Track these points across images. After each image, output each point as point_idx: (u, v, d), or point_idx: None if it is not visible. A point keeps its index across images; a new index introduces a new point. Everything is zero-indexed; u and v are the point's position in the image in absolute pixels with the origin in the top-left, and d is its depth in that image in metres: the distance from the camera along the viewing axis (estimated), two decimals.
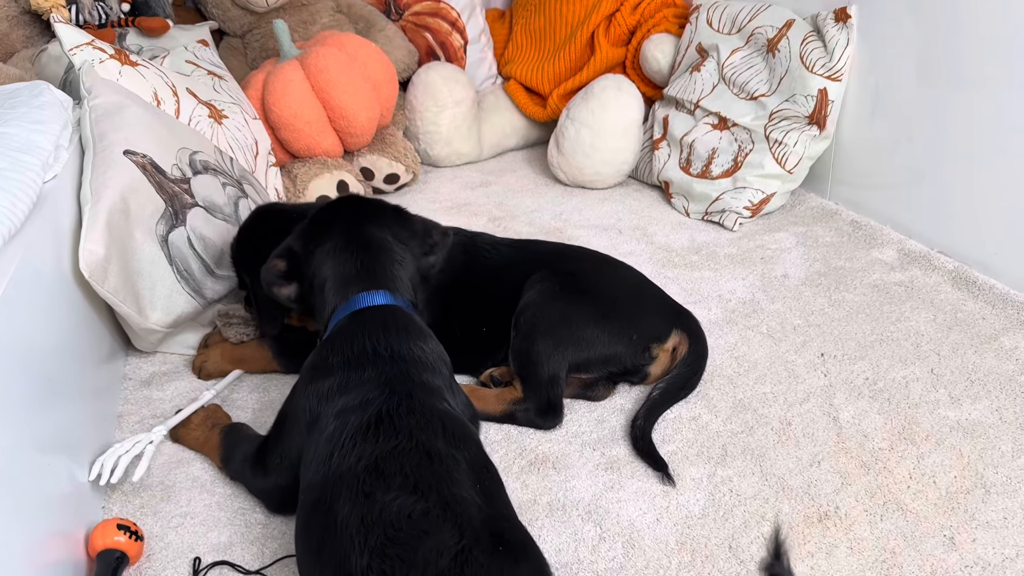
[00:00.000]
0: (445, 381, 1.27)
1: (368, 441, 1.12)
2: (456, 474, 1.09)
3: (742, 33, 2.37)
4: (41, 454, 1.24)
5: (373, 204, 1.47)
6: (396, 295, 1.33)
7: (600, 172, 2.52)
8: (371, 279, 1.33)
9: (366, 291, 1.32)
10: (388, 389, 1.19)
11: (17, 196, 1.34)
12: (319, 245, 1.39)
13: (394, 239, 1.40)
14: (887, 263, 1.99)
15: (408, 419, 1.15)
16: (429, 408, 1.18)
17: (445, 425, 1.16)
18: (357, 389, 1.20)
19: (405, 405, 1.17)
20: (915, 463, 1.38)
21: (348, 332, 1.27)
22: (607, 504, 1.34)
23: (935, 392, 1.54)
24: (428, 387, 1.22)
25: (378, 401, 1.17)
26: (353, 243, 1.37)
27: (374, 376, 1.21)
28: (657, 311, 1.61)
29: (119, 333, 1.80)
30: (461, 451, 1.13)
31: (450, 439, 1.14)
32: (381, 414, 1.15)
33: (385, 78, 2.54)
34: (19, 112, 1.65)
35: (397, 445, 1.11)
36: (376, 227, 1.40)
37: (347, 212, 1.43)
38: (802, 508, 1.30)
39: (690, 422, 1.51)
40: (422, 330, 1.31)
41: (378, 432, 1.13)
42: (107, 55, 1.94)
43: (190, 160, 1.84)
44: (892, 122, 2.12)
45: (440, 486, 1.06)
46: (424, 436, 1.12)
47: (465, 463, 1.12)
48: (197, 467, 1.48)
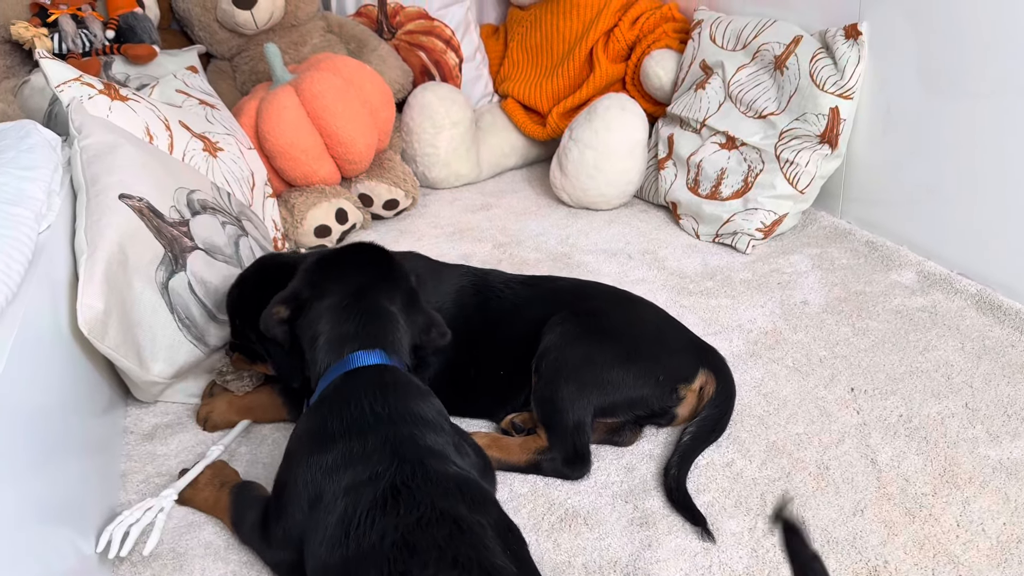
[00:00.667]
0: (449, 438, 1.21)
1: (388, 515, 1.06)
2: (487, 541, 1.03)
3: (747, 50, 2.32)
4: (43, 525, 1.16)
5: (394, 272, 1.41)
6: (392, 356, 1.28)
7: (605, 193, 2.46)
8: (370, 339, 1.28)
9: (363, 350, 1.26)
10: (397, 459, 1.13)
11: (12, 256, 1.26)
12: (321, 298, 1.33)
13: (400, 314, 1.34)
14: (907, 286, 1.95)
15: (426, 488, 1.09)
16: (443, 474, 1.12)
17: (463, 490, 1.10)
18: (363, 462, 1.13)
19: (420, 474, 1.11)
20: (961, 509, 1.33)
21: (344, 393, 1.21)
22: (645, 565, 1.28)
23: (972, 429, 1.50)
24: (435, 451, 1.16)
25: (389, 473, 1.11)
26: (358, 306, 1.31)
27: (379, 445, 1.14)
28: (682, 350, 1.55)
29: (117, 383, 1.72)
30: (484, 516, 1.08)
31: (471, 504, 1.08)
32: (396, 486, 1.09)
33: (382, 102, 2.47)
34: (7, 157, 1.57)
35: (421, 517, 1.05)
36: (386, 299, 1.34)
37: (367, 268, 1.37)
38: (850, 563, 1.25)
39: (723, 468, 1.45)
40: (419, 388, 1.26)
41: (397, 504, 1.07)
42: (96, 90, 1.86)
43: (188, 200, 1.76)
44: (905, 139, 2.07)
45: (480, 557, 1.00)
46: (446, 504, 1.07)
47: (491, 528, 1.06)
48: (209, 531, 1.41)
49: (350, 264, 1.38)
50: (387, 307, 1.32)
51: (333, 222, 2.35)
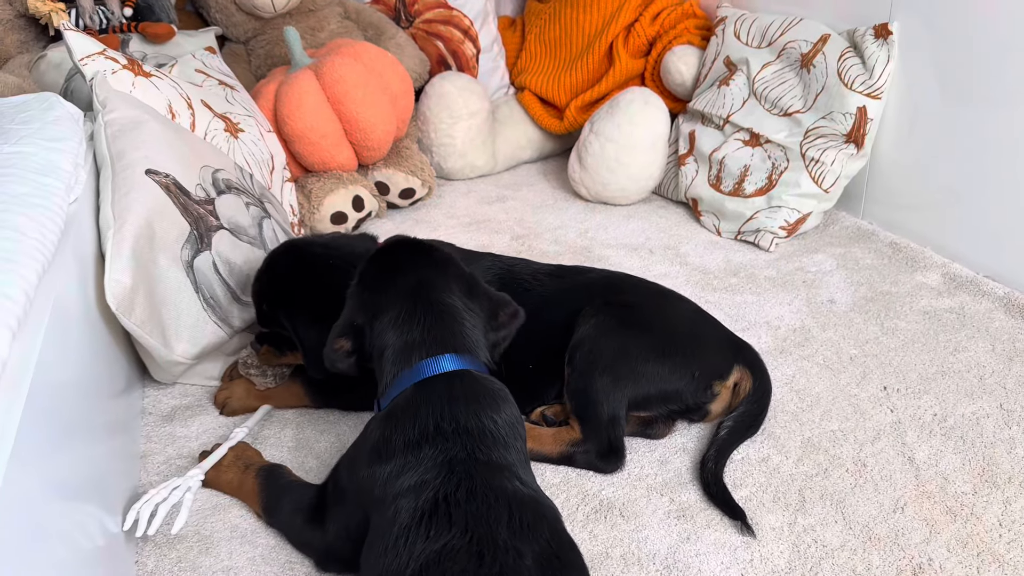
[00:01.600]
0: (517, 456, 1.15)
1: (420, 537, 1.01)
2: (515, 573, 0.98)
3: (773, 47, 2.31)
4: (67, 503, 1.12)
5: (437, 258, 1.31)
6: (465, 356, 1.20)
7: (625, 188, 2.44)
8: (437, 344, 1.20)
9: (432, 357, 1.18)
10: (447, 470, 1.08)
11: (46, 226, 1.22)
12: (380, 315, 1.24)
13: (463, 306, 1.26)
14: (933, 288, 1.94)
15: (467, 506, 1.03)
16: (494, 490, 1.06)
17: (512, 510, 1.04)
18: (414, 469, 1.09)
19: (464, 488, 1.05)
20: (1003, 508, 1.32)
21: (411, 406, 1.15)
22: (685, 557, 1.25)
23: (1008, 430, 1.48)
24: (494, 465, 1.10)
25: (433, 484, 1.06)
26: (418, 310, 1.22)
27: (432, 455, 1.09)
28: (717, 346, 1.53)
29: (135, 363, 1.68)
30: (528, 542, 1.01)
31: (515, 528, 1.02)
32: (437, 500, 1.04)
33: (402, 90, 2.44)
34: (33, 128, 1.53)
35: (447, 544, 1.00)
36: (444, 292, 1.25)
37: (412, 272, 1.27)
38: (894, 560, 1.23)
39: (760, 464, 1.43)
40: (495, 397, 1.18)
41: (431, 525, 1.02)
42: (120, 65, 1.82)
43: (213, 179, 1.73)
44: (932, 141, 2.06)
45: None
46: (482, 529, 1.01)
47: (531, 556, 1.00)
48: (235, 514, 1.38)
49: (395, 268, 1.29)
50: (447, 302, 1.24)
51: (350, 209, 2.32)
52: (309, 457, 1.50)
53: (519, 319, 1.33)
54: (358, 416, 1.61)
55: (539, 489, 1.15)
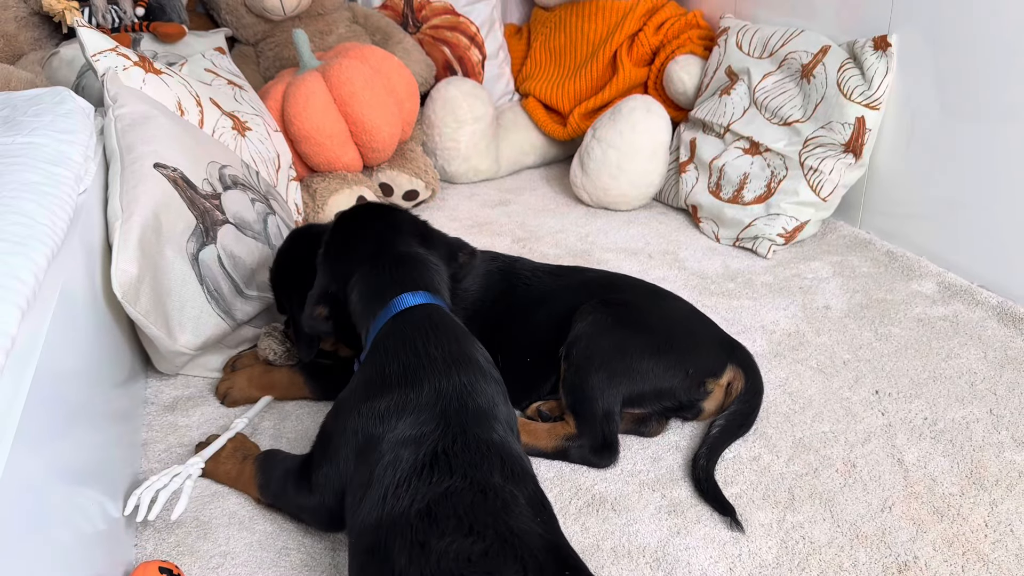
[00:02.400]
0: (499, 387, 1.23)
1: (422, 483, 1.07)
2: (514, 507, 1.04)
3: (774, 58, 2.34)
4: (70, 486, 1.15)
5: (394, 218, 1.43)
6: (435, 296, 1.29)
7: (626, 194, 2.47)
8: (409, 283, 1.29)
9: (406, 292, 1.27)
10: (444, 423, 1.13)
11: (56, 213, 1.26)
12: (350, 277, 1.34)
13: (423, 254, 1.36)
14: (928, 296, 1.96)
15: (463, 456, 1.10)
16: (485, 443, 1.12)
17: (504, 460, 1.11)
18: (414, 415, 1.14)
19: (460, 442, 1.11)
20: (989, 510, 1.33)
21: (397, 334, 1.22)
22: (675, 551, 1.27)
23: (997, 434, 1.50)
24: (484, 412, 1.16)
25: (433, 437, 1.12)
26: (382, 262, 1.32)
27: (431, 400, 1.15)
28: (711, 345, 1.56)
29: (139, 353, 1.71)
30: (519, 487, 1.08)
31: (508, 475, 1.09)
32: (436, 452, 1.10)
33: (408, 93, 2.47)
34: (45, 120, 1.56)
35: (450, 486, 1.06)
36: (403, 244, 1.36)
37: (370, 230, 1.39)
38: (880, 557, 1.25)
39: (751, 462, 1.45)
40: (465, 332, 1.27)
41: (432, 472, 1.08)
42: (131, 62, 1.86)
43: (220, 174, 1.76)
44: (929, 152, 2.09)
45: (497, 522, 1.01)
46: (479, 473, 1.08)
47: (523, 497, 1.07)
48: (233, 501, 1.40)
49: (356, 233, 1.39)
50: (408, 251, 1.34)
51: None
52: (308, 447, 1.52)
53: (476, 259, 1.45)
54: None
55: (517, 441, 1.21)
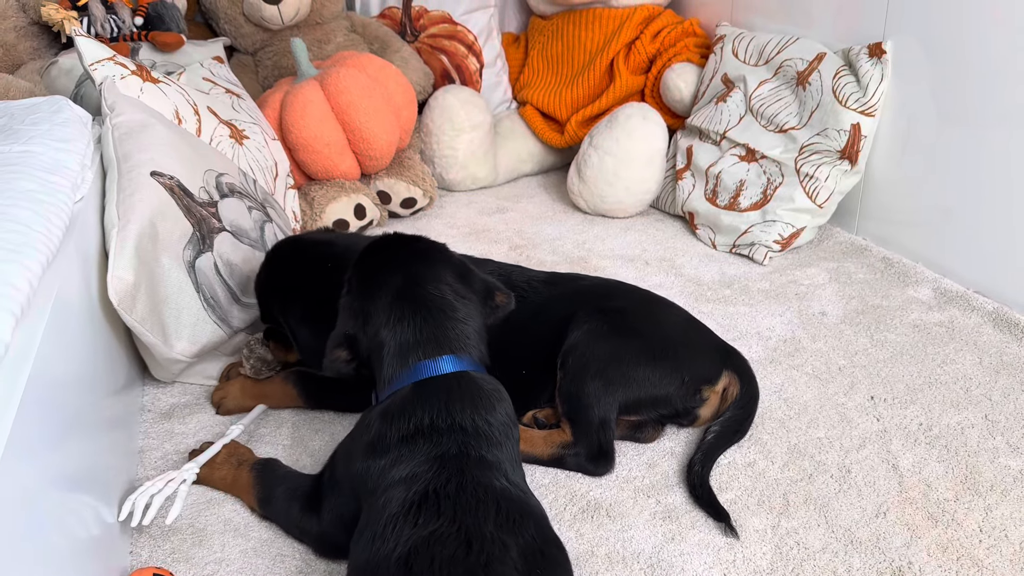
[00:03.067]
0: (508, 454, 1.17)
1: (408, 524, 1.04)
2: (500, 564, 1.00)
3: (770, 65, 2.35)
4: (65, 492, 1.15)
5: (429, 257, 1.31)
6: (463, 357, 1.22)
7: (623, 201, 2.48)
8: (434, 344, 1.21)
9: (429, 359, 1.20)
10: (438, 464, 1.10)
11: (51, 221, 1.26)
12: (369, 320, 1.25)
13: (454, 296, 1.26)
14: (924, 302, 1.96)
15: (456, 499, 1.06)
16: (483, 486, 1.09)
17: (500, 505, 1.07)
18: (407, 462, 1.12)
19: (455, 483, 1.08)
20: (984, 515, 1.33)
21: (408, 404, 1.17)
22: (669, 557, 1.27)
23: (992, 440, 1.50)
24: (485, 462, 1.13)
25: (425, 477, 1.09)
26: (407, 308, 1.23)
27: (425, 448, 1.12)
28: (707, 352, 1.56)
29: (136, 361, 1.72)
30: (513, 536, 1.04)
31: (502, 522, 1.05)
32: (427, 493, 1.07)
33: (405, 101, 2.48)
34: (42, 129, 1.57)
35: (435, 531, 1.02)
36: (432, 285, 1.26)
37: (398, 270, 1.28)
38: (874, 563, 1.25)
39: (746, 468, 1.46)
40: (490, 397, 1.20)
41: (419, 514, 1.05)
42: (128, 71, 1.87)
43: (216, 182, 1.76)
44: (924, 159, 2.09)
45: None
46: (469, 519, 1.04)
47: (516, 549, 1.02)
48: (228, 508, 1.40)
49: (380, 270, 1.29)
50: (437, 295, 1.25)
51: (352, 217, 2.36)
52: (304, 455, 1.53)
53: (511, 302, 1.35)
54: (353, 417, 1.63)
55: (528, 490, 1.17)
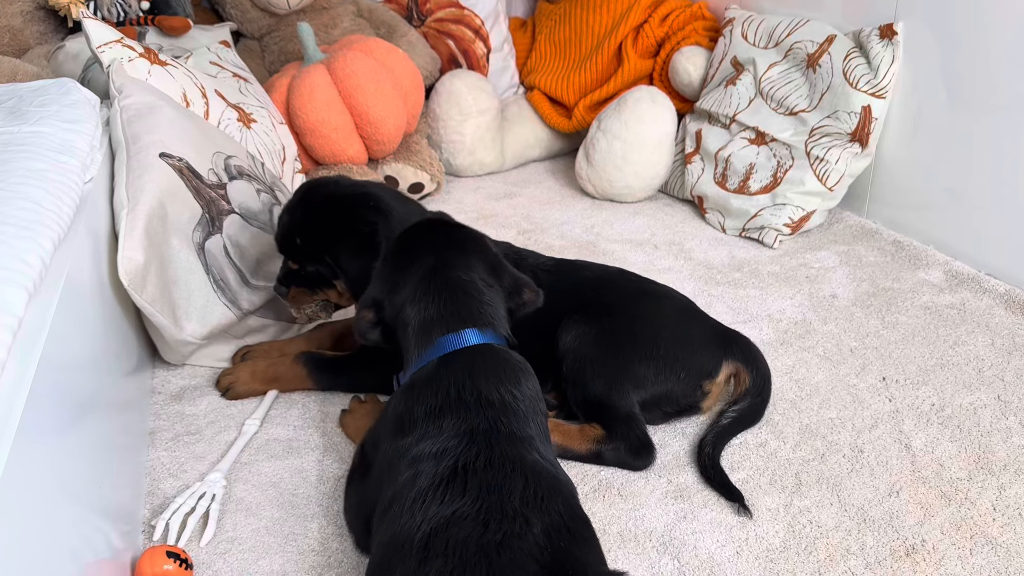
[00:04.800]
0: (537, 429, 1.16)
1: (434, 502, 1.03)
2: (516, 543, 0.98)
3: (780, 47, 2.33)
4: (77, 471, 1.15)
5: (465, 246, 1.33)
6: (486, 331, 1.23)
7: (631, 185, 2.47)
8: (456, 319, 1.23)
9: (452, 332, 1.21)
10: (468, 438, 1.09)
11: (62, 199, 1.26)
12: (396, 291, 1.28)
13: (483, 283, 1.28)
14: (935, 285, 1.95)
15: (484, 474, 1.04)
16: (513, 460, 1.07)
17: (528, 480, 1.05)
18: (435, 437, 1.11)
19: (484, 457, 1.07)
20: (997, 494, 1.33)
21: (432, 378, 1.17)
22: (682, 535, 1.27)
23: (1005, 420, 1.50)
24: (515, 436, 1.11)
25: (454, 452, 1.08)
26: (433, 287, 1.25)
27: (454, 424, 1.11)
28: (705, 345, 1.51)
29: (146, 343, 1.72)
30: (539, 512, 1.02)
31: (528, 498, 1.03)
32: (456, 468, 1.06)
33: (412, 85, 2.48)
34: (51, 110, 1.56)
35: (456, 511, 1.01)
36: (463, 271, 1.28)
37: (433, 250, 1.30)
38: (887, 541, 1.25)
39: (757, 448, 1.45)
40: (515, 370, 1.20)
41: (447, 490, 1.03)
42: (136, 53, 1.86)
43: (225, 164, 1.76)
44: (936, 142, 2.08)
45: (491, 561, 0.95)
46: (494, 497, 1.02)
47: (540, 526, 1.00)
48: (240, 488, 1.40)
49: (417, 247, 1.32)
50: (464, 278, 1.26)
51: None
52: (315, 435, 1.53)
53: (540, 298, 1.35)
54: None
55: (558, 464, 1.16)
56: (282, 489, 1.40)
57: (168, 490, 1.40)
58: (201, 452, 1.49)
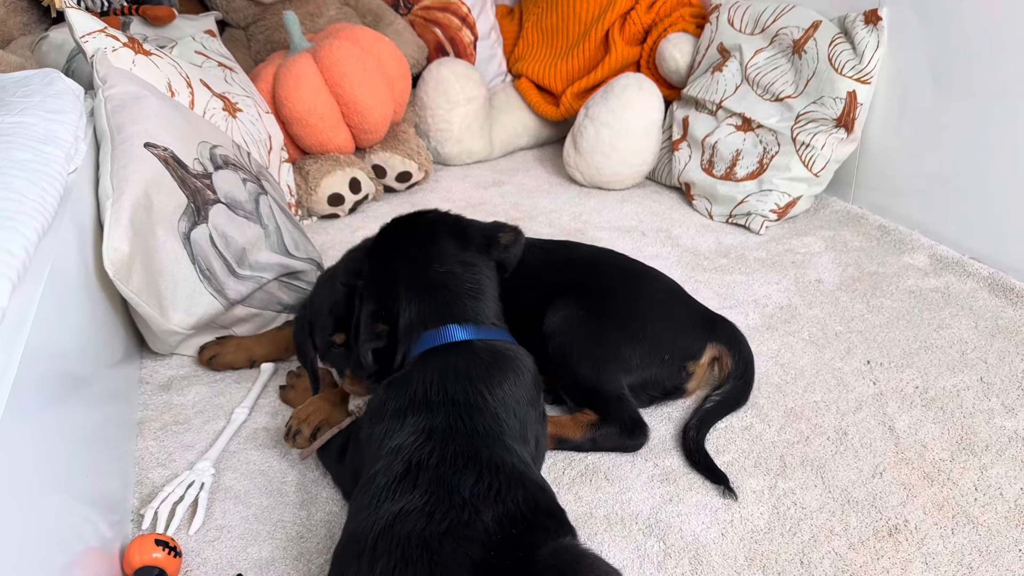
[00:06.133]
0: (511, 427, 1.16)
1: (388, 499, 1.04)
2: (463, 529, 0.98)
3: (766, 34, 2.33)
4: (64, 459, 1.15)
5: (432, 235, 1.36)
6: (467, 326, 1.25)
7: (619, 172, 2.47)
8: (436, 317, 1.26)
9: (431, 329, 1.24)
10: (425, 436, 1.11)
11: (46, 190, 1.26)
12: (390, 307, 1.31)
13: (462, 268, 1.31)
14: (920, 268, 1.97)
15: (436, 471, 1.05)
16: (466, 456, 1.07)
17: (482, 473, 1.05)
18: (397, 434, 1.13)
19: (438, 454, 1.07)
20: (979, 474, 1.34)
21: (407, 376, 1.21)
22: (667, 518, 1.28)
23: (988, 401, 1.51)
24: (478, 433, 1.12)
25: (409, 449, 1.09)
26: (412, 292, 1.29)
27: (414, 422, 1.13)
28: (689, 326, 1.52)
29: (133, 334, 1.72)
30: (491, 503, 1.01)
31: (480, 490, 1.03)
32: (410, 465, 1.07)
33: (399, 73, 2.47)
34: (34, 100, 1.56)
35: (404, 507, 1.01)
36: (438, 263, 1.31)
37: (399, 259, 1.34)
38: (871, 521, 1.26)
39: (743, 432, 1.46)
40: (493, 368, 1.21)
41: (398, 488, 1.04)
42: (120, 43, 1.86)
43: (211, 154, 1.76)
44: (920, 127, 2.09)
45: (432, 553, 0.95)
46: (441, 491, 1.02)
47: (492, 515, 1.00)
48: (229, 477, 1.41)
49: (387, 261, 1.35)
50: (444, 272, 1.29)
51: (347, 191, 2.36)
52: None
53: (522, 235, 1.39)
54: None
55: (529, 464, 1.14)
56: (271, 477, 1.41)
57: (157, 479, 1.40)
58: (190, 441, 1.49)
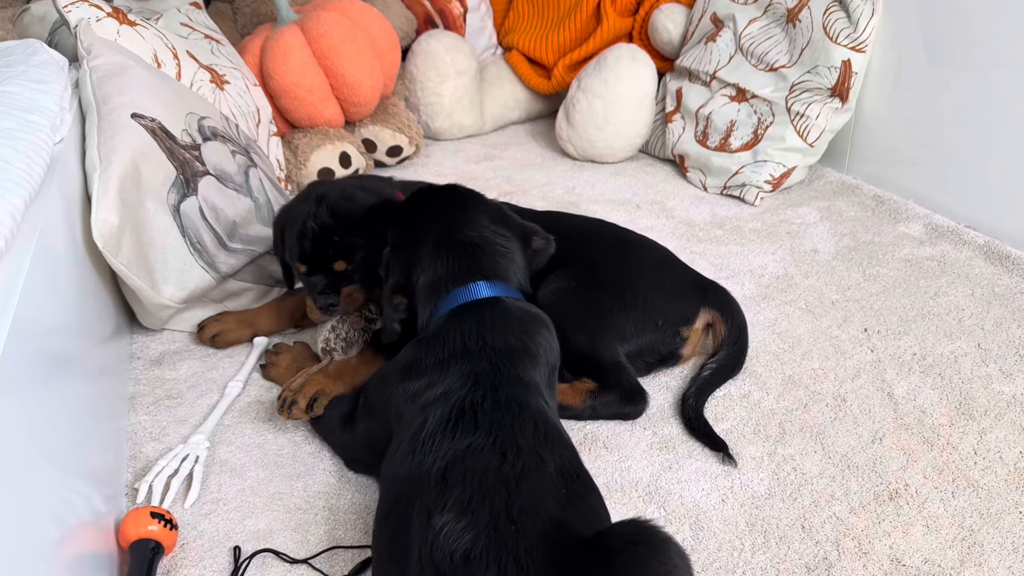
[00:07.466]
0: (544, 377, 1.18)
1: (447, 438, 1.04)
2: (533, 476, 0.98)
3: (759, 3, 2.31)
4: (56, 435, 1.13)
5: (466, 206, 1.35)
6: (497, 283, 1.24)
7: (612, 145, 2.45)
8: (466, 273, 1.25)
9: (461, 286, 1.23)
10: (472, 381, 1.11)
11: (32, 159, 1.23)
12: (414, 269, 1.29)
13: (493, 233, 1.30)
14: (915, 238, 1.96)
15: (493, 413, 1.06)
16: (519, 402, 1.08)
17: (537, 423, 1.06)
18: (440, 383, 1.12)
19: (491, 399, 1.08)
20: (978, 439, 1.34)
21: (442, 330, 1.19)
22: (667, 485, 1.28)
23: (985, 367, 1.51)
24: (520, 380, 1.12)
25: (459, 393, 1.09)
26: (443, 250, 1.27)
27: (458, 369, 1.13)
28: (681, 292, 1.51)
29: (124, 308, 1.69)
30: (552, 453, 1.03)
31: (540, 438, 1.04)
32: (464, 407, 1.07)
33: (388, 45, 2.44)
34: (17, 70, 1.53)
35: (472, 443, 1.02)
36: (470, 228, 1.30)
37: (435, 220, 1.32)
38: (871, 486, 1.26)
39: (741, 400, 1.46)
40: (526, 321, 1.21)
41: (457, 427, 1.05)
42: (104, 13, 1.82)
43: (199, 125, 1.73)
44: (916, 96, 2.08)
45: (499, 499, 0.95)
46: (507, 432, 1.03)
47: (554, 465, 1.01)
48: (224, 450, 1.39)
49: (419, 225, 1.33)
50: (474, 235, 1.28)
51: (336, 165, 2.33)
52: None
53: (552, 244, 1.38)
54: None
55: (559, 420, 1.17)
56: (266, 450, 1.39)
57: (150, 454, 1.39)
58: (183, 416, 1.47)
